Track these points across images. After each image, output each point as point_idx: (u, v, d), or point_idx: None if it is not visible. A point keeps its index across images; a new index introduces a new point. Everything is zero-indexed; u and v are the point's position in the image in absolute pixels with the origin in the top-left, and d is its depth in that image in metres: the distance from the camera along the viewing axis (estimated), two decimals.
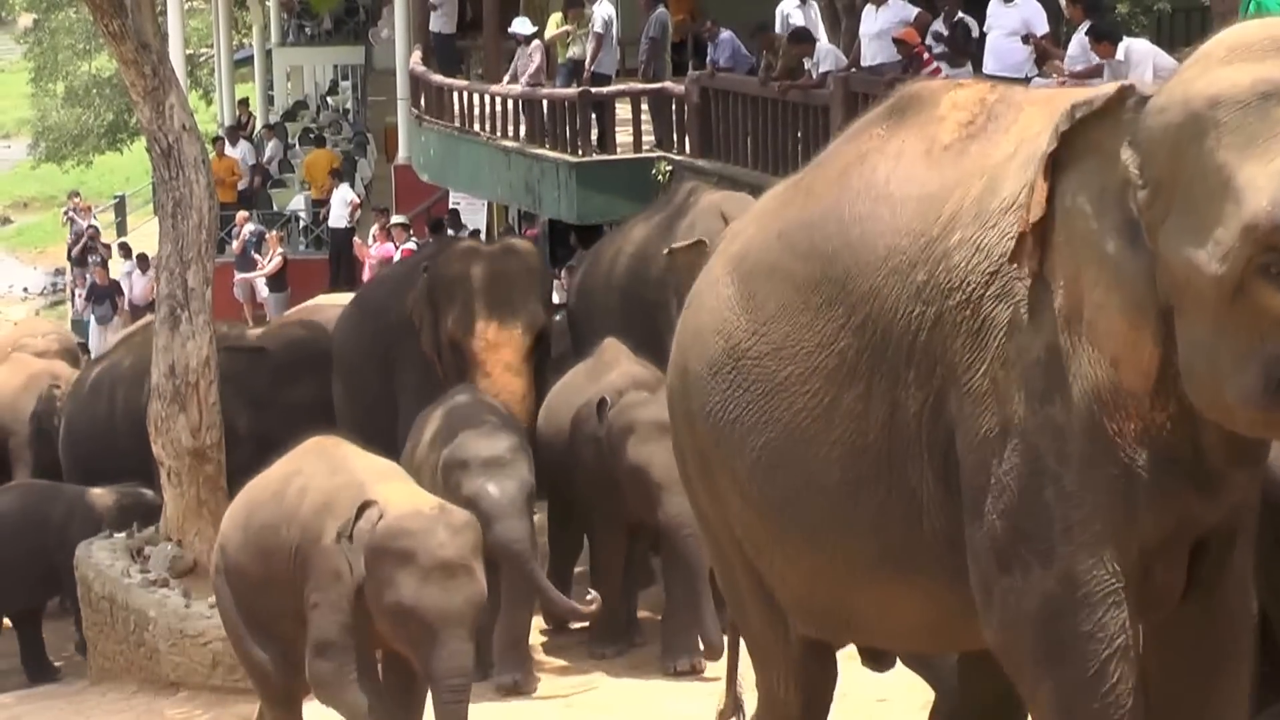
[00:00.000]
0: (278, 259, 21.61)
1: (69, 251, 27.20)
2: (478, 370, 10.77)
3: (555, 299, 12.98)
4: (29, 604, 11.91)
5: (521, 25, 17.50)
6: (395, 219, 19.99)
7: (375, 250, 19.64)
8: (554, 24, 17.67)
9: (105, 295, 22.42)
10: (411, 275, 11.48)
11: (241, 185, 23.94)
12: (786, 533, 5.44)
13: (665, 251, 10.34)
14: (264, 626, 7.92)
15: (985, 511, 4.85)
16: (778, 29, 14.18)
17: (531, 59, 16.94)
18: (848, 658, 7.03)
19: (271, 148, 25.99)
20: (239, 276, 21.67)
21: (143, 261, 22.25)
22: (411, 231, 19.96)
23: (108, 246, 25.19)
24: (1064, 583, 4.77)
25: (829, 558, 5.33)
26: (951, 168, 5.08)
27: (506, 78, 17.30)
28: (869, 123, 5.46)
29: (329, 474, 7.74)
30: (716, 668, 8.48)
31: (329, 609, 7.51)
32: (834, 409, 5.15)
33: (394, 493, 7.63)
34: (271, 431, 10.55)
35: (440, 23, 20.09)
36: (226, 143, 24.50)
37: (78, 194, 28.68)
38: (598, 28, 16.41)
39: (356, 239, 21.11)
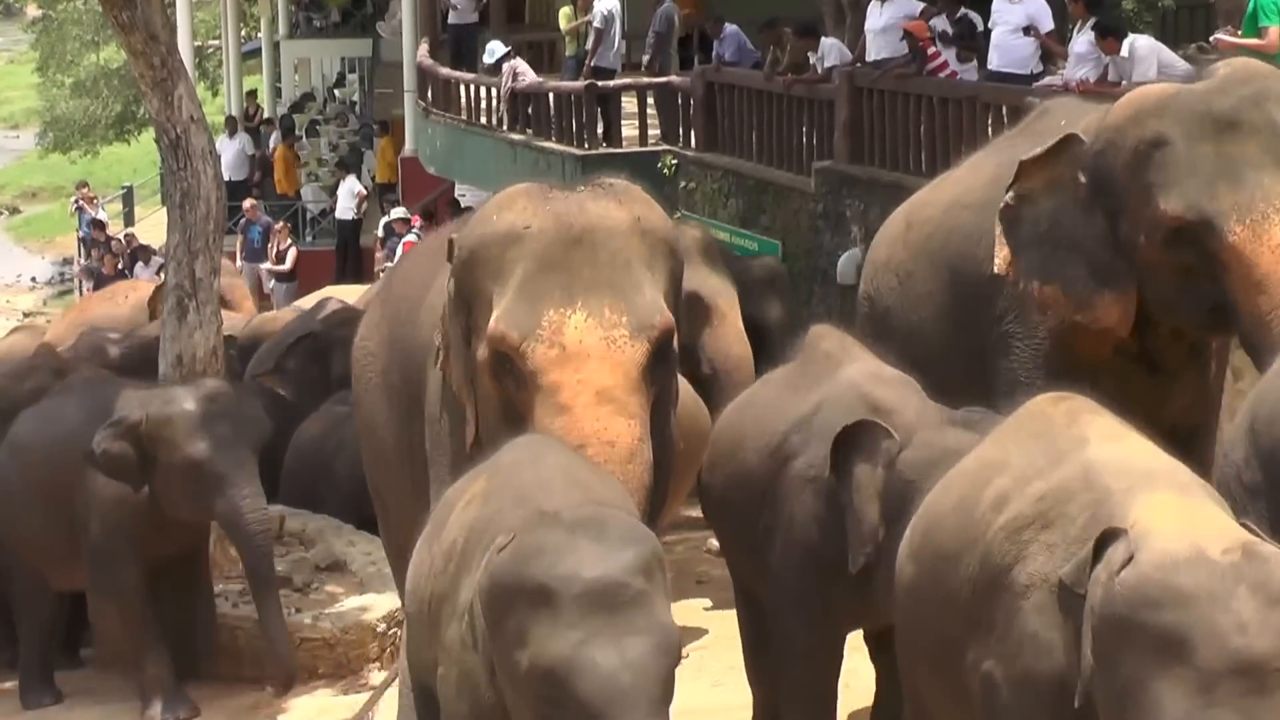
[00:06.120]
0: (293, 251, 21.62)
1: (79, 244, 27.30)
2: (545, 402, 5.89)
3: None
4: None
5: (490, 53, 17.68)
6: (395, 212, 20.01)
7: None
8: (565, 18, 17.79)
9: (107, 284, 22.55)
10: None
11: (240, 176, 24.01)
12: None
13: (1018, 170, 6.93)
14: (944, 697, 5.22)
15: None
16: None
17: (515, 69, 17.17)
18: (853, 649, 7.09)
19: (274, 139, 26.05)
20: (264, 268, 21.66)
21: (144, 253, 22.22)
22: (415, 224, 20.01)
23: (114, 239, 25.22)
24: None
25: None
26: None
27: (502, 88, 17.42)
28: None
29: (1049, 467, 4.83)
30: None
31: (1025, 694, 4.64)
32: None
33: (1158, 511, 4.49)
34: None
35: (459, 17, 20.25)
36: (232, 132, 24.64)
37: (85, 184, 28.72)
38: (597, 23, 16.53)
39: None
